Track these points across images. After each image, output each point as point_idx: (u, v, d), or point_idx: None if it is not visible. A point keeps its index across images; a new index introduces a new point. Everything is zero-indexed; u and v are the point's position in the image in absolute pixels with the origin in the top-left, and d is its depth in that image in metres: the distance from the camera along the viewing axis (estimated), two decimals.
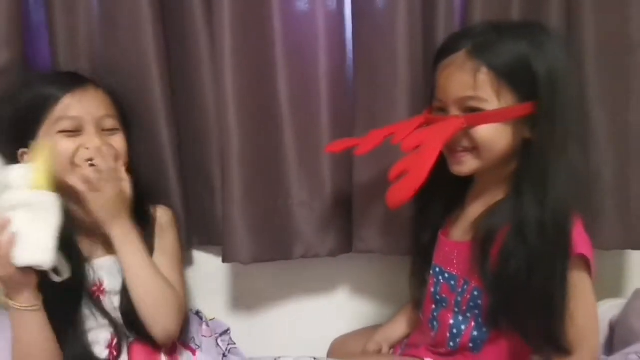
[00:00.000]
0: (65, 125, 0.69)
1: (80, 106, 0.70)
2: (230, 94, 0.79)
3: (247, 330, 0.94)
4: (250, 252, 0.84)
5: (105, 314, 0.73)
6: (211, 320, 0.89)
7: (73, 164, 0.69)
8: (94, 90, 0.72)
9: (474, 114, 0.65)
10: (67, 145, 0.69)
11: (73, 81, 0.72)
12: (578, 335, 0.64)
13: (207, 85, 0.85)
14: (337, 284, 0.97)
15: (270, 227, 0.85)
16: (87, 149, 0.69)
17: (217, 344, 0.85)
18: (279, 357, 0.62)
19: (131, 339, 0.74)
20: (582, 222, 0.67)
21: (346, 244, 0.88)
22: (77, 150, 0.69)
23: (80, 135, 0.70)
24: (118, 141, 0.72)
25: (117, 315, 0.74)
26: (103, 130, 0.71)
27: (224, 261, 0.85)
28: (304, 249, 0.87)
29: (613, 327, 0.87)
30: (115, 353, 0.73)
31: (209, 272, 0.94)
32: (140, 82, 0.81)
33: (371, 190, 0.84)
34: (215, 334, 0.86)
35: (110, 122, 0.72)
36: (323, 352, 0.92)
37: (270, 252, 0.86)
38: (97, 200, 0.68)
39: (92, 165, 0.69)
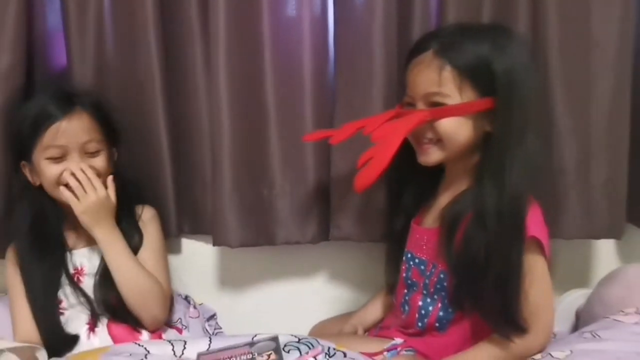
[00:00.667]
0: (53, 153, 0.77)
1: (67, 135, 0.77)
2: (224, 94, 0.85)
3: (231, 314, 0.98)
4: (238, 237, 0.89)
5: (83, 294, 0.81)
6: (199, 305, 0.93)
7: (59, 183, 0.78)
8: (78, 116, 0.78)
9: (438, 107, 0.70)
10: (53, 170, 0.77)
11: (60, 108, 0.77)
12: (532, 314, 0.68)
13: (201, 86, 0.90)
14: (318, 270, 1.01)
15: (255, 215, 0.90)
16: (71, 173, 0.77)
17: (205, 329, 0.89)
18: (257, 334, 0.66)
19: (103, 323, 0.82)
20: (539, 208, 0.71)
21: (325, 232, 0.92)
22: (61, 173, 0.77)
23: (65, 159, 0.78)
24: (99, 162, 0.80)
25: (95, 294, 0.82)
26: (86, 153, 0.79)
27: (214, 244, 0.91)
28: (286, 236, 0.91)
29: (579, 316, 0.92)
30: (94, 330, 0.81)
31: (198, 259, 0.99)
32: (141, 81, 0.87)
33: (347, 182, 0.87)
34: (203, 318, 0.90)
35: (93, 146, 0.79)
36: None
37: (256, 238, 0.91)
38: (79, 207, 0.77)
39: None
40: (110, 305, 0.81)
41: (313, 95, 0.88)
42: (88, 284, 0.82)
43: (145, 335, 0.80)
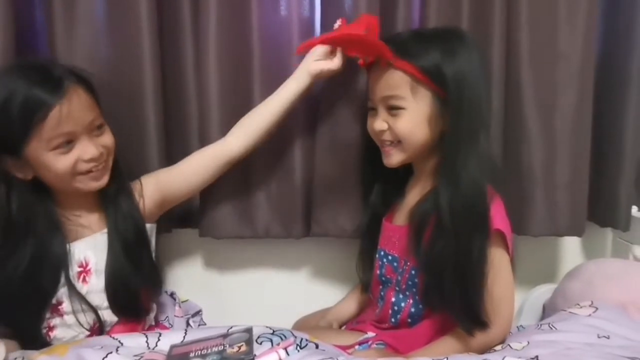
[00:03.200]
0: (58, 142, 0.67)
1: (69, 119, 0.66)
2: (213, 93, 0.86)
3: (215, 309, 0.99)
4: (223, 229, 0.92)
5: (84, 301, 0.72)
6: (184, 301, 0.94)
7: (74, 174, 0.70)
8: (75, 93, 0.68)
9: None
10: (64, 163, 0.68)
11: (56, 87, 0.66)
12: (494, 308, 0.71)
13: (190, 85, 0.91)
14: (301, 265, 1.03)
15: (240, 210, 0.92)
16: (84, 160, 0.69)
17: (189, 324, 0.90)
18: (233, 326, 0.68)
19: (111, 325, 0.75)
20: (501, 203, 0.74)
21: (306, 228, 0.94)
22: (75, 163, 0.69)
23: (74, 146, 0.69)
24: (107, 138, 0.73)
25: (102, 297, 0.74)
26: (92, 132, 0.71)
27: (200, 235, 0.93)
28: (271, 230, 0.94)
29: (545, 309, 0.96)
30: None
31: (183, 253, 1.01)
32: (133, 79, 0.86)
33: (329, 178, 0.91)
34: (187, 314, 0.91)
35: (97, 121, 0.71)
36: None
37: (241, 230, 0.93)
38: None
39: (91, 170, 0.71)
40: (124, 304, 0.74)
41: None
42: (95, 283, 0.74)
43: None
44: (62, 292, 0.72)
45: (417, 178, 0.81)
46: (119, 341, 0.63)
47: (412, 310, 0.78)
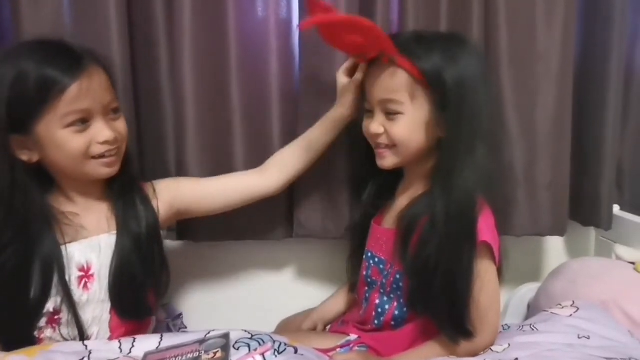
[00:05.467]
0: (74, 119, 0.64)
1: (88, 96, 0.64)
2: (189, 94, 0.85)
3: (197, 311, 0.99)
4: (202, 232, 0.90)
5: (74, 313, 0.67)
6: (165, 305, 0.93)
7: (86, 158, 0.66)
8: (96, 72, 0.66)
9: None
10: (78, 142, 0.65)
11: (75, 63, 0.64)
12: (481, 319, 0.70)
13: (165, 86, 0.88)
14: (284, 266, 1.03)
15: (224, 213, 0.89)
16: (99, 143, 0.66)
17: (169, 328, 0.89)
18: (212, 330, 0.67)
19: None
20: (491, 214, 0.73)
21: (290, 229, 0.94)
22: (89, 145, 0.66)
23: (88, 126, 0.65)
24: (122, 125, 0.70)
25: (103, 307, 0.70)
26: (108, 116, 0.68)
27: (177, 239, 0.92)
28: (251, 232, 0.93)
29: (530, 309, 0.97)
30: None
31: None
32: None
33: (311, 179, 0.90)
34: (168, 318, 0.91)
35: (114, 105, 0.68)
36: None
37: (220, 234, 0.92)
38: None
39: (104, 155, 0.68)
40: (130, 305, 0.70)
41: (278, 95, 0.89)
42: (98, 291, 0.69)
43: None
44: (60, 299, 0.67)
45: (408, 182, 0.80)
46: (91, 347, 0.62)
47: (396, 313, 0.77)
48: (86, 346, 0.62)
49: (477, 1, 0.87)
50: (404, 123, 0.72)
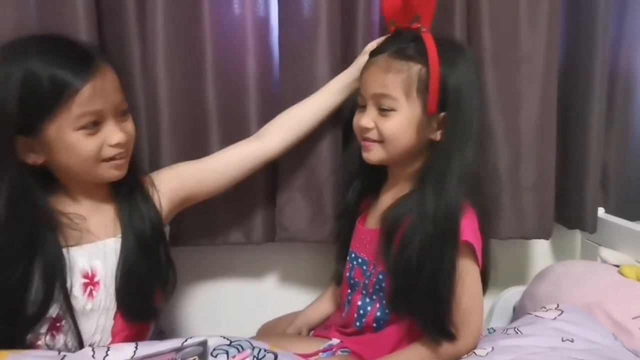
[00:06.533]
0: (87, 121, 0.62)
1: (101, 97, 0.63)
2: (163, 94, 0.83)
3: (179, 315, 0.98)
4: (178, 237, 0.88)
5: (74, 322, 0.66)
6: None
7: (97, 161, 0.65)
8: (108, 71, 0.65)
9: None
10: (90, 146, 0.64)
11: (88, 63, 0.62)
12: (463, 320, 0.70)
13: (138, 86, 0.86)
14: (267, 270, 1.02)
15: (200, 215, 0.89)
16: (111, 145, 0.65)
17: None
18: (190, 337, 0.66)
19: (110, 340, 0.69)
20: (474, 216, 0.73)
21: (271, 233, 0.93)
22: (100, 147, 0.65)
23: (100, 128, 0.64)
24: (131, 126, 0.69)
25: (107, 315, 0.68)
26: (118, 117, 0.67)
27: None
28: (231, 236, 0.91)
29: (515, 312, 0.97)
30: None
31: None
32: None
33: (292, 182, 0.89)
34: None
35: (123, 106, 0.67)
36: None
37: (200, 238, 0.90)
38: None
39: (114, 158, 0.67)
40: (137, 308, 0.69)
41: (257, 96, 0.88)
42: (103, 299, 0.67)
43: None
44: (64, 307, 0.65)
45: (394, 181, 0.80)
46: (64, 352, 0.60)
47: (378, 314, 0.77)
48: (59, 351, 0.61)
49: (460, 3, 0.87)
50: (396, 120, 0.72)
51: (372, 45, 0.80)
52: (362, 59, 0.79)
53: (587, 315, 0.78)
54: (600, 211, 1.03)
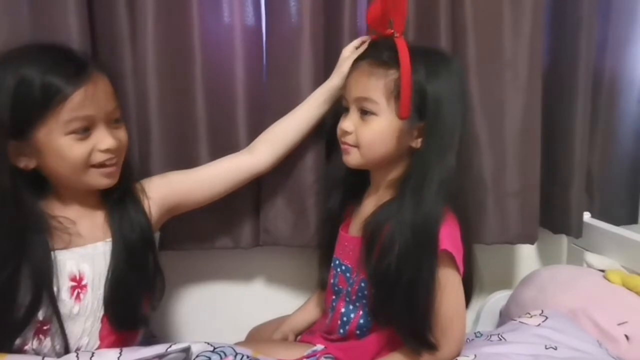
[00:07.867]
0: (77, 126, 0.63)
1: (92, 103, 0.63)
2: (153, 103, 0.83)
3: (166, 320, 0.97)
4: (164, 241, 0.86)
5: (60, 326, 0.66)
6: None
7: (87, 166, 0.66)
8: (101, 79, 0.65)
9: None
10: (80, 150, 0.64)
11: (80, 70, 0.63)
12: (443, 330, 0.69)
13: (130, 94, 0.86)
14: (254, 274, 1.01)
15: (183, 220, 0.87)
16: (100, 150, 0.65)
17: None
18: (174, 343, 0.66)
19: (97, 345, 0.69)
20: (455, 222, 0.72)
21: (259, 238, 0.93)
22: (90, 153, 0.65)
23: (90, 133, 0.65)
24: (124, 134, 0.69)
25: (93, 319, 0.68)
26: (110, 125, 0.67)
27: None
28: (218, 241, 0.91)
29: (501, 316, 0.97)
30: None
31: None
32: None
33: (276, 187, 0.89)
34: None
35: (116, 114, 0.68)
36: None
37: (187, 243, 0.90)
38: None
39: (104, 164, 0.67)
40: (125, 316, 0.68)
41: (245, 104, 0.88)
42: (90, 302, 0.67)
43: None
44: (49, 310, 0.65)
45: (375, 188, 0.79)
46: (47, 358, 0.60)
47: (361, 322, 0.77)
48: (43, 356, 0.61)
49: (444, 9, 0.87)
50: (375, 125, 0.72)
51: (349, 49, 0.81)
52: (345, 66, 0.79)
53: (571, 322, 0.78)
54: (586, 216, 1.04)
